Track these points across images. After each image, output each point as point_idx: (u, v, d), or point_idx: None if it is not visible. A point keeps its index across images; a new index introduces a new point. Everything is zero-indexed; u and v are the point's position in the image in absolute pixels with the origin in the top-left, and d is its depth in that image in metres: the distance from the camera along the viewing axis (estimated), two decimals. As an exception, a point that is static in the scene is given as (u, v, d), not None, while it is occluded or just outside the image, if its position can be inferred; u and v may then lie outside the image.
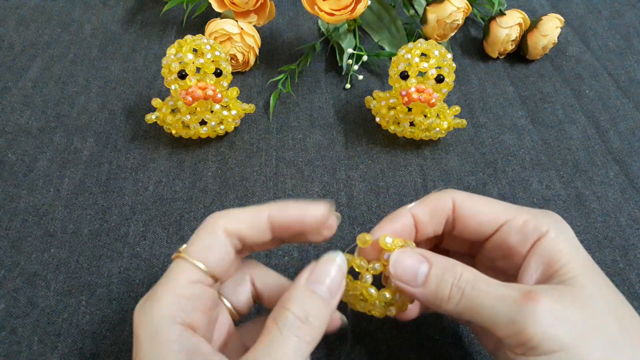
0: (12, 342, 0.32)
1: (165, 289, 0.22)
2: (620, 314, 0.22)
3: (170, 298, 0.22)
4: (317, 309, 0.22)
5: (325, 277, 0.23)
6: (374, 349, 0.32)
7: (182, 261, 0.23)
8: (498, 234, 0.25)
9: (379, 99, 0.43)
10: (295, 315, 0.22)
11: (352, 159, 0.43)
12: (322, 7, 0.43)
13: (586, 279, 0.23)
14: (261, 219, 0.24)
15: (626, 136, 0.45)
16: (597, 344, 0.21)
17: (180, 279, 0.22)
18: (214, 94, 0.39)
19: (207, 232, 0.24)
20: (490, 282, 0.23)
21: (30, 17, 0.56)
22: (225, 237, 0.24)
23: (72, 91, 0.48)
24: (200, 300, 0.22)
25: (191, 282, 0.22)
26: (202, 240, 0.23)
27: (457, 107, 0.42)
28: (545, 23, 0.49)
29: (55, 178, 0.41)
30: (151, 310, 0.21)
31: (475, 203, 0.26)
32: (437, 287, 0.23)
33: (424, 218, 0.26)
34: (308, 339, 0.22)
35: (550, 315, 0.21)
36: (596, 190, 0.41)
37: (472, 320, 0.23)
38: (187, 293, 0.22)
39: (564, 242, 0.24)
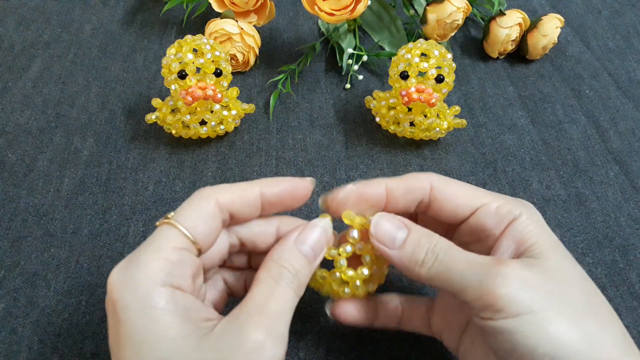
0: (12, 342, 0.32)
1: (150, 253, 0.22)
2: (585, 288, 0.23)
3: (156, 262, 0.21)
4: (303, 267, 0.24)
5: (310, 239, 0.25)
6: (374, 349, 0.32)
7: (169, 227, 0.23)
8: (473, 218, 0.26)
9: (379, 99, 0.43)
10: (288, 270, 0.23)
11: (352, 159, 0.43)
12: (322, 7, 0.43)
13: (554, 255, 0.23)
14: (253, 194, 0.25)
15: (626, 136, 0.45)
16: (561, 311, 0.21)
17: (166, 244, 0.22)
18: (214, 94, 0.39)
19: (198, 203, 0.24)
20: (463, 251, 0.24)
21: (30, 17, 0.56)
22: (216, 209, 0.24)
23: (72, 91, 0.48)
24: (186, 266, 0.22)
25: (177, 249, 0.22)
26: (192, 209, 0.23)
27: (457, 107, 0.42)
28: (545, 23, 0.49)
29: (55, 178, 0.41)
30: (137, 274, 0.21)
31: (452, 187, 0.27)
32: (413, 251, 0.24)
33: (397, 193, 0.27)
34: (297, 292, 0.24)
35: (517, 279, 0.22)
36: (596, 190, 0.41)
37: (443, 285, 0.24)
38: (174, 258, 0.22)
39: (535, 223, 0.25)
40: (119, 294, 0.21)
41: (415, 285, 0.35)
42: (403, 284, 0.35)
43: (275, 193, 0.25)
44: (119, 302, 0.21)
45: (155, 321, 0.20)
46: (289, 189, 0.26)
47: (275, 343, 0.21)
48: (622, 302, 0.35)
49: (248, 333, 0.21)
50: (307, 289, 0.25)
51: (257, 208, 0.25)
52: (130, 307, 0.21)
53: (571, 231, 0.39)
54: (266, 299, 0.22)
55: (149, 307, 0.20)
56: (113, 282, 0.22)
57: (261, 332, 0.21)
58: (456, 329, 0.28)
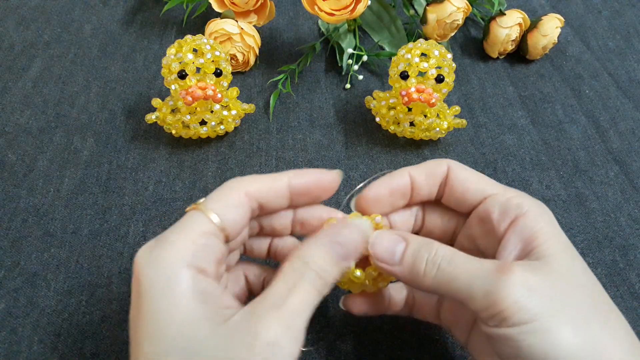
0: (12, 342, 0.32)
1: (178, 235, 0.22)
2: (592, 292, 0.23)
3: (183, 244, 0.22)
4: (331, 267, 0.23)
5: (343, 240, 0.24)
6: (374, 349, 0.32)
7: (198, 213, 0.23)
8: (482, 206, 0.26)
9: (379, 99, 0.43)
10: (313, 268, 0.23)
11: (352, 159, 0.43)
12: (322, 7, 0.43)
13: (561, 257, 0.23)
14: (281, 184, 0.25)
15: (626, 136, 0.45)
16: (568, 318, 0.21)
17: (194, 228, 0.22)
18: (214, 94, 0.39)
19: (228, 192, 0.24)
20: (466, 257, 0.23)
21: (30, 17, 0.56)
22: (245, 199, 0.24)
23: (72, 91, 0.48)
24: (212, 251, 0.22)
25: (204, 233, 0.22)
26: (222, 198, 0.24)
27: (457, 107, 0.42)
28: (545, 23, 0.49)
29: (55, 178, 0.41)
30: (163, 254, 0.21)
31: (467, 173, 0.27)
32: (413, 263, 0.24)
33: (420, 179, 0.27)
34: (321, 291, 0.23)
35: (523, 286, 0.21)
36: (596, 190, 0.41)
37: (448, 294, 0.23)
38: (201, 242, 0.22)
39: (544, 222, 0.24)
40: (144, 271, 0.21)
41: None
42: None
43: (302, 184, 0.25)
44: (143, 279, 0.21)
45: (175, 301, 0.20)
46: (316, 180, 0.26)
47: (291, 340, 0.21)
48: (622, 302, 0.35)
49: (264, 327, 0.20)
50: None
51: (286, 199, 0.25)
52: (153, 285, 0.21)
53: (571, 231, 0.39)
54: (287, 294, 0.22)
55: (172, 286, 0.21)
56: (139, 261, 0.22)
57: (277, 327, 0.20)
58: (464, 324, 0.28)
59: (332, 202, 0.40)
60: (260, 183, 0.25)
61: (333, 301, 0.34)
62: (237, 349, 0.20)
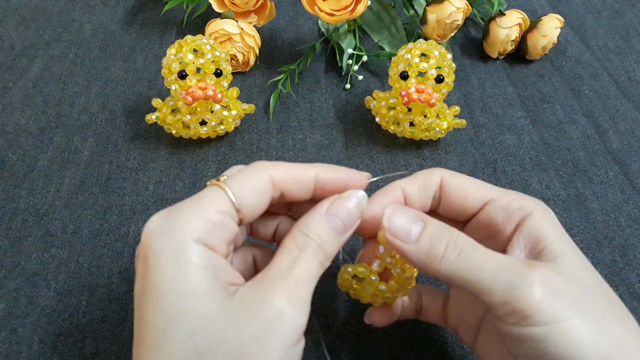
0: (13, 342, 0.32)
1: (193, 209, 0.22)
2: (606, 292, 0.23)
3: (197, 219, 0.21)
4: (330, 239, 0.23)
5: (343, 212, 0.24)
6: (374, 349, 0.32)
7: (218, 189, 0.22)
8: (483, 212, 0.26)
9: (379, 99, 0.43)
10: (313, 240, 0.23)
11: (352, 159, 0.43)
12: (322, 7, 0.43)
13: (573, 258, 0.23)
14: (309, 175, 0.25)
15: (626, 136, 0.45)
16: (590, 318, 0.21)
17: (211, 205, 0.22)
18: (214, 94, 0.39)
19: (253, 174, 0.23)
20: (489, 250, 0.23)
21: (31, 17, 0.56)
22: (269, 185, 0.23)
23: (72, 91, 0.48)
24: (225, 231, 0.22)
25: (220, 212, 0.22)
26: (245, 179, 0.23)
27: (456, 107, 0.42)
28: (545, 23, 0.49)
29: (56, 178, 0.41)
30: (175, 226, 0.21)
31: (462, 181, 0.26)
32: (431, 245, 0.23)
33: (413, 193, 0.27)
34: (323, 263, 0.23)
35: (548, 285, 0.21)
36: (596, 190, 0.41)
37: (465, 283, 0.22)
38: (215, 219, 0.22)
39: (549, 222, 0.24)
40: (155, 241, 0.21)
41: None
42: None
43: (329, 180, 0.25)
44: (152, 250, 0.21)
45: (184, 273, 0.20)
46: (344, 178, 0.25)
47: (296, 310, 0.21)
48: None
49: (270, 298, 0.20)
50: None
51: (310, 191, 0.25)
52: (163, 256, 0.20)
53: (571, 231, 0.39)
54: (290, 266, 0.22)
55: (182, 259, 0.20)
56: (150, 230, 0.21)
57: (283, 298, 0.21)
58: (471, 325, 0.27)
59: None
60: (287, 171, 0.24)
61: (333, 301, 0.34)
62: (244, 320, 0.20)
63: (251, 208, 0.23)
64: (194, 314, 0.20)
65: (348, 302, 0.34)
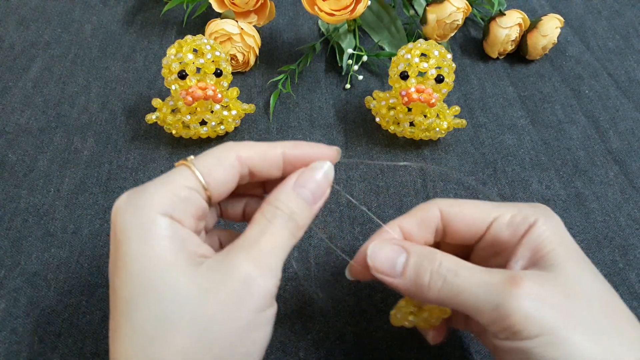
0: (13, 342, 0.32)
1: (159, 185, 0.22)
2: (604, 299, 0.22)
3: (163, 193, 0.22)
4: (301, 209, 0.23)
5: (311, 183, 0.24)
6: (374, 348, 0.32)
7: (185, 168, 0.23)
8: (488, 233, 0.26)
9: (379, 99, 0.43)
10: (282, 210, 0.23)
11: (352, 159, 0.43)
12: (322, 7, 0.43)
13: (570, 264, 0.23)
14: (275, 152, 0.25)
15: (626, 136, 0.45)
16: (579, 328, 0.21)
17: (177, 181, 0.22)
18: (214, 94, 0.39)
19: (219, 153, 0.24)
20: (473, 268, 0.23)
21: (31, 17, 0.56)
22: (236, 162, 0.24)
23: (73, 91, 0.48)
24: (192, 205, 0.22)
25: (186, 187, 0.22)
26: (212, 157, 0.23)
27: (457, 107, 0.42)
28: (545, 23, 0.49)
29: (56, 178, 0.41)
30: (141, 201, 0.21)
31: (461, 207, 0.26)
32: (416, 276, 0.23)
33: (412, 229, 0.26)
34: (293, 232, 0.23)
35: (533, 299, 0.21)
36: (596, 190, 0.41)
37: (455, 307, 0.23)
38: (181, 194, 0.22)
39: (551, 230, 0.24)
40: (122, 217, 0.21)
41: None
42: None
43: (298, 155, 0.25)
44: (119, 225, 0.21)
45: (150, 244, 0.20)
46: (312, 153, 0.25)
47: (264, 276, 0.21)
48: (621, 302, 0.35)
49: (237, 265, 0.21)
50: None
51: (279, 168, 0.25)
52: (129, 230, 0.21)
53: (571, 231, 0.38)
54: (258, 236, 0.22)
55: (148, 231, 0.21)
56: (118, 206, 0.22)
57: (250, 264, 0.21)
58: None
59: (332, 201, 0.40)
60: (254, 148, 0.24)
61: (333, 301, 0.34)
62: (211, 287, 0.20)
63: (218, 184, 0.23)
64: (160, 283, 0.20)
65: (348, 302, 0.34)
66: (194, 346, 0.19)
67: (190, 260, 0.21)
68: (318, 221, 0.38)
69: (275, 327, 0.33)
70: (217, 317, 0.20)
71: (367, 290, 0.35)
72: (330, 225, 0.38)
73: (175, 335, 0.19)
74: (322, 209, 0.39)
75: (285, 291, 0.35)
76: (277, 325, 0.33)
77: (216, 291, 0.20)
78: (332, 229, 0.38)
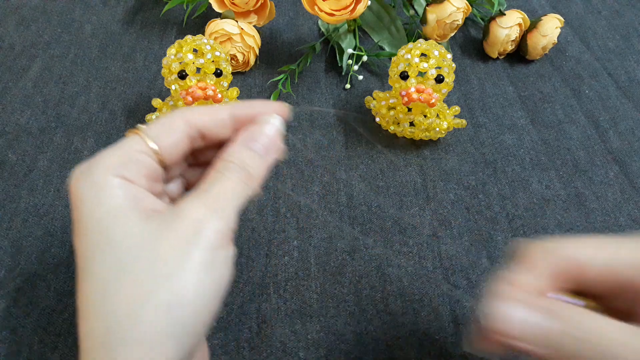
0: (12, 342, 0.32)
1: (109, 151, 0.22)
2: None
3: (113, 157, 0.22)
4: (252, 160, 0.24)
5: (260, 136, 0.25)
6: (374, 348, 0.32)
7: (134, 135, 0.23)
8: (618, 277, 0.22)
9: (379, 99, 0.43)
10: (234, 163, 0.23)
11: (352, 159, 0.43)
12: (322, 7, 0.43)
13: None
14: (223, 112, 0.25)
15: (626, 136, 0.45)
16: None
17: (127, 146, 0.23)
18: (214, 94, 0.39)
19: (167, 119, 0.24)
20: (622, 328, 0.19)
21: (31, 17, 0.56)
22: (184, 125, 0.24)
23: (73, 91, 0.48)
24: (143, 166, 0.23)
25: (136, 150, 0.23)
26: (160, 123, 0.24)
27: (456, 107, 0.42)
28: (545, 23, 0.49)
29: (56, 178, 0.41)
30: (92, 167, 0.22)
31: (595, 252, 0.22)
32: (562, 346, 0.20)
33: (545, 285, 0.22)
34: (246, 181, 0.23)
35: None
36: (596, 190, 0.41)
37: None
38: (131, 156, 0.22)
39: None
40: (76, 184, 0.22)
41: (415, 285, 0.35)
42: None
43: (247, 114, 0.25)
44: (74, 192, 0.22)
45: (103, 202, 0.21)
46: (261, 110, 0.26)
47: (215, 217, 0.21)
48: (621, 302, 0.35)
49: (187, 210, 0.21)
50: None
51: (227, 127, 0.25)
52: (83, 193, 0.21)
53: (571, 231, 0.39)
54: (209, 186, 0.22)
55: (100, 190, 0.21)
56: (72, 177, 0.22)
57: (200, 208, 0.21)
58: None
59: (332, 201, 0.40)
60: (201, 111, 0.25)
61: (333, 301, 0.34)
62: (163, 232, 0.20)
63: (168, 146, 0.24)
64: (114, 233, 0.20)
65: (349, 302, 0.34)
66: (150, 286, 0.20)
67: (144, 213, 0.21)
68: (315, 215, 0.38)
69: (275, 327, 0.33)
70: (170, 258, 0.20)
71: (367, 290, 0.35)
72: (330, 225, 0.38)
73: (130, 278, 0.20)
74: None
75: (285, 291, 0.35)
76: (277, 325, 0.33)
77: (168, 235, 0.20)
78: (332, 229, 0.38)
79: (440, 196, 0.40)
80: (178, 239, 0.20)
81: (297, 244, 0.37)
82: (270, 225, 0.38)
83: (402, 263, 0.36)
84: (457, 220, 0.39)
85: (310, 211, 0.39)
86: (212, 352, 0.32)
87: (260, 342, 0.33)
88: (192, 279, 0.20)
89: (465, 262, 0.37)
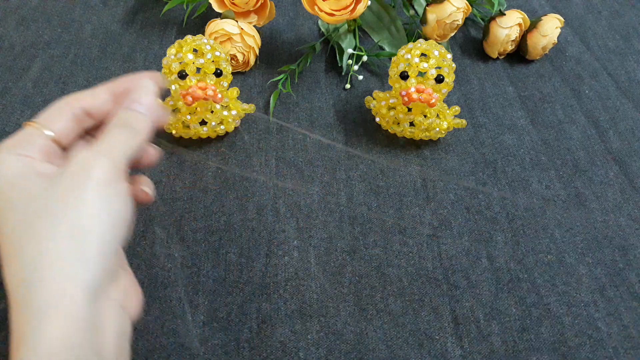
0: (13, 342, 0.32)
1: (6, 139, 0.25)
2: None
3: (9, 141, 0.25)
4: (135, 117, 0.27)
5: (137, 97, 0.28)
6: (374, 349, 0.32)
7: (27, 125, 0.26)
8: None
9: (379, 99, 0.43)
10: (118, 122, 0.26)
11: (352, 159, 0.43)
12: (322, 7, 0.43)
13: None
14: (102, 91, 0.28)
15: (626, 136, 0.45)
16: None
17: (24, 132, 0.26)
18: (214, 94, 0.39)
19: (54, 107, 0.28)
20: None
21: (31, 17, 0.56)
22: (66, 105, 0.28)
23: (73, 91, 0.47)
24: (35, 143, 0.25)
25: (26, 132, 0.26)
26: (49, 113, 0.28)
27: (457, 107, 0.42)
28: (545, 23, 0.49)
29: (56, 178, 0.41)
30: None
31: None
32: None
33: None
34: (133, 134, 0.26)
35: None
36: (596, 190, 0.41)
37: None
38: (23, 137, 0.25)
39: None
40: None
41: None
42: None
43: (123, 87, 0.28)
44: None
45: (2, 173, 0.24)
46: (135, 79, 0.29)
47: (103, 157, 0.24)
48: (622, 302, 0.35)
49: (76, 157, 0.24)
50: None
51: (110, 103, 0.28)
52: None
53: (571, 231, 0.39)
54: (99, 144, 0.25)
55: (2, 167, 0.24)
56: None
57: (88, 153, 0.24)
58: None
59: (332, 202, 0.40)
60: (82, 95, 0.28)
61: (333, 301, 0.34)
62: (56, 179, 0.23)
63: (58, 126, 0.27)
64: (15, 197, 0.23)
65: (348, 302, 0.34)
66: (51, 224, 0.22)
67: (43, 176, 0.24)
68: (316, 216, 0.38)
69: (275, 327, 0.33)
70: (66, 197, 0.22)
71: (367, 290, 0.35)
72: (330, 225, 0.38)
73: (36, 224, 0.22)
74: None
75: (285, 291, 0.35)
76: (277, 325, 0.33)
77: (62, 180, 0.23)
78: (332, 229, 0.38)
79: (440, 196, 0.40)
80: (71, 179, 0.23)
81: (297, 244, 0.37)
82: (270, 225, 0.38)
83: (402, 263, 0.36)
84: (457, 220, 0.39)
85: (310, 211, 0.39)
86: (213, 352, 0.32)
87: (260, 342, 0.33)
88: (88, 210, 0.22)
89: (465, 262, 0.37)
